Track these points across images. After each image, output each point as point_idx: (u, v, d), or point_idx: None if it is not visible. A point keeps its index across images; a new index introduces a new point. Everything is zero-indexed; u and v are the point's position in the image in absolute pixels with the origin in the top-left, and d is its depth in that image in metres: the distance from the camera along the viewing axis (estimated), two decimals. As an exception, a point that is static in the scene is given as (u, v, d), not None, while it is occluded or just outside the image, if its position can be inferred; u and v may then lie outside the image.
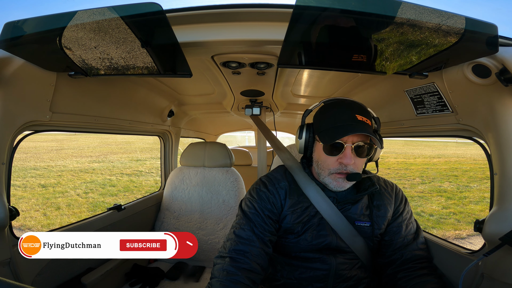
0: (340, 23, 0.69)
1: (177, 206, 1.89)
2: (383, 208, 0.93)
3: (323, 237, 0.90)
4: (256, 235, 0.87)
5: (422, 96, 1.02)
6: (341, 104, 0.91)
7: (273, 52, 0.98)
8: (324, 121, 0.90)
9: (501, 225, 0.73)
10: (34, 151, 11.42)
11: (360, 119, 0.84)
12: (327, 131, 0.86)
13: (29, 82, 0.91)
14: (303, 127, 0.95)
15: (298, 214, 0.92)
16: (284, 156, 1.09)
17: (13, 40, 0.72)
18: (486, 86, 0.77)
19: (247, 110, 1.81)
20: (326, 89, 1.63)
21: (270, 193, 0.93)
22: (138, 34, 0.74)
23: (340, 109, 0.88)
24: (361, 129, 0.81)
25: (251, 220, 0.89)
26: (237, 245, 0.84)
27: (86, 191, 7.20)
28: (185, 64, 0.90)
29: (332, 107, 0.91)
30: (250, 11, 0.79)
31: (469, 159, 12.14)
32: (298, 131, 0.96)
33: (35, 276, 1.06)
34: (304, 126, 0.95)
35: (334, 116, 0.87)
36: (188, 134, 2.79)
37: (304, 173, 0.96)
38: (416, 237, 0.94)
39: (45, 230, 1.29)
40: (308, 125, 0.95)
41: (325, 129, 0.87)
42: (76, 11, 0.67)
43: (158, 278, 1.59)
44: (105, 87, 1.27)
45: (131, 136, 14.17)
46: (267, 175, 1.02)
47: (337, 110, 0.88)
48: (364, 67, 0.86)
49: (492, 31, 0.62)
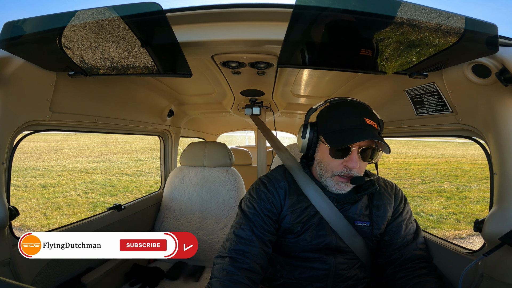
0: (340, 23, 0.69)
1: (177, 206, 1.89)
2: (382, 208, 0.93)
3: (323, 237, 0.90)
4: (256, 235, 0.86)
5: (422, 96, 1.02)
6: (348, 105, 0.89)
7: (273, 52, 0.98)
8: (330, 122, 0.88)
9: (500, 225, 0.73)
10: (34, 151, 11.42)
11: (368, 122, 0.83)
12: (335, 133, 0.84)
13: (29, 81, 0.90)
14: (307, 126, 0.93)
15: (297, 214, 0.91)
16: (284, 156, 1.08)
17: (13, 40, 0.72)
18: (486, 86, 0.77)
19: (247, 110, 1.81)
20: (326, 89, 1.63)
21: (270, 193, 0.93)
22: (138, 34, 0.74)
23: (348, 111, 0.86)
24: (371, 135, 0.80)
25: (251, 220, 0.89)
26: (236, 245, 0.84)
27: (86, 191, 7.20)
28: (185, 64, 0.90)
29: (339, 108, 0.89)
30: (250, 11, 0.79)
31: (469, 159, 12.14)
32: (301, 130, 0.93)
33: (35, 276, 1.06)
34: (308, 125, 0.93)
35: (342, 117, 0.86)
36: (188, 134, 2.79)
37: (304, 173, 0.95)
38: (416, 237, 0.94)
39: (45, 230, 1.29)
40: (312, 124, 0.93)
41: (332, 131, 0.86)
42: (76, 11, 0.67)
43: (158, 278, 1.59)
44: (105, 87, 1.27)
45: (131, 136, 14.19)
46: (267, 175, 1.02)
47: (345, 112, 0.87)
48: (364, 67, 0.86)
49: (492, 31, 0.62)
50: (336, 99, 0.94)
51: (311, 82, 1.56)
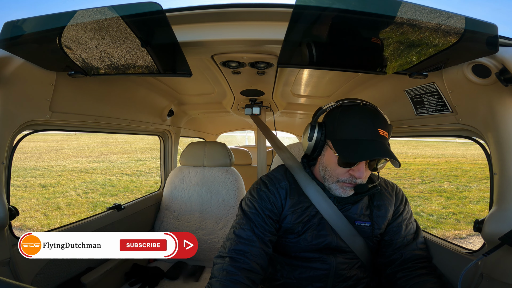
0: (340, 23, 0.69)
1: (176, 205, 1.89)
2: (383, 208, 0.93)
3: (323, 237, 0.90)
4: (256, 235, 0.86)
5: (422, 96, 1.02)
6: (362, 111, 0.84)
7: (273, 51, 0.98)
8: (341, 129, 0.83)
9: (500, 225, 0.73)
10: (34, 151, 11.41)
11: (382, 133, 0.79)
12: (346, 143, 0.81)
13: (29, 81, 0.90)
14: (315, 127, 0.88)
15: (298, 214, 0.91)
16: (285, 155, 1.08)
17: (13, 40, 0.72)
18: (486, 86, 0.77)
19: (247, 110, 1.81)
20: (326, 88, 1.63)
21: (271, 193, 0.93)
22: (138, 34, 0.74)
23: (362, 119, 0.82)
24: (385, 150, 0.78)
25: (251, 220, 0.89)
26: (237, 245, 0.84)
27: (86, 191, 7.20)
28: (185, 63, 0.90)
29: (352, 114, 0.84)
30: (250, 11, 0.79)
31: (469, 159, 12.14)
32: (309, 131, 0.89)
33: (35, 276, 1.06)
34: (315, 126, 0.88)
35: (355, 126, 0.81)
36: (188, 134, 2.79)
37: (305, 173, 0.95)
38: (416, 237, 0.94)
39: (45, 230, 1.29)
40: (320, 125, 0.88)
41: (343, 139, 0.82)
42: (76, 11, 0.67)
43: (157, 277, 1.59)
44: (105, 87, 1.27)
45: (131, 136, 14.17)
46: (268, 174, 1.02)
47: (358, 120, 0.82)
48: (364, 67, 0.86)
49: (492, 31, 0.62)
50: (348, 101, 0.88)
51: (311, 82, 1.56)
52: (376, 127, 0.80)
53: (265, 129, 1.61)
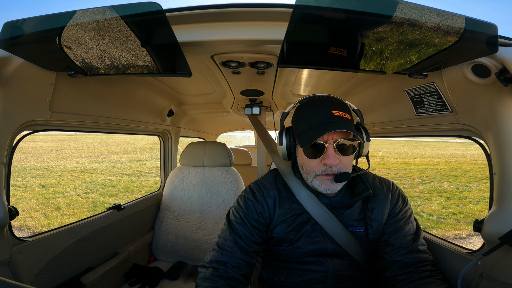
0: (340, 23, 0.69)
1: (176, 205, 1.89)
2: (377, 211, 0.91)
3: (318, 243, 0.89)
4: (240, 246, 0.87)
5: (422, 96, 1.02)
6: (315, 102, 0.86)
7: (272, 51, 0.98)
8: (300, 123, 0.85)
9: (500, 225, 0.73)
10: (34, 151, 11.41)
11: (337, 114, 0.79)
12: (304, 133, 0.81)
13: (29, 81, 0.90)
14: (282, 132, 0.90)
15: (289, 222, 0.90)
16: (278, 159, 1.05)
17: (13, 40, 0.72)
18: (486, 86, 0.77)
19: (247, 110, 1.80)
20: (326, 88, 1.63)
21: (258, 203, 0.92)
22: (138, 34, 0.74)
23: (315, 108, 0.83)
24: (338, 125, 0.77)
25: (236, 230, 0.89)
26: (218, 256, 0.86)
27: (86, 191, 7.20)
28: (184, 63, 0.90)
29: (307, 107, 0.86)
30: (250, 11, 0.79)
31: (469, 159, 12.15)
32: (278, 137, 0.91)
33: (35, 276, 1.06)
34: (283, 131, 0.91)
35: (309, 116, 0.83)
36: (187, 134, 2.79)
37: (296, 178, 0.94)
38: (416, 238, 0.89)
39: (45, 230, 1.30)
40: (288, 129, 0.92)
41: (302, 131, 0.83)
42: (75, 11, 0.67)
43: (157, 277, 1.59)
44: (104, 87, 1.27)
45: (131, 136, 14.18)
46: (257, 182, 1.00)
47: (312, 109, 0.83)
48: (364, 67, 0.86)
49: (492, 31, 0.62)
50: (306, 98, 0.90)
51: (311, 82, 1.56)
52: (329, 109, 0.80)
53: (262, 130, 1.60)
